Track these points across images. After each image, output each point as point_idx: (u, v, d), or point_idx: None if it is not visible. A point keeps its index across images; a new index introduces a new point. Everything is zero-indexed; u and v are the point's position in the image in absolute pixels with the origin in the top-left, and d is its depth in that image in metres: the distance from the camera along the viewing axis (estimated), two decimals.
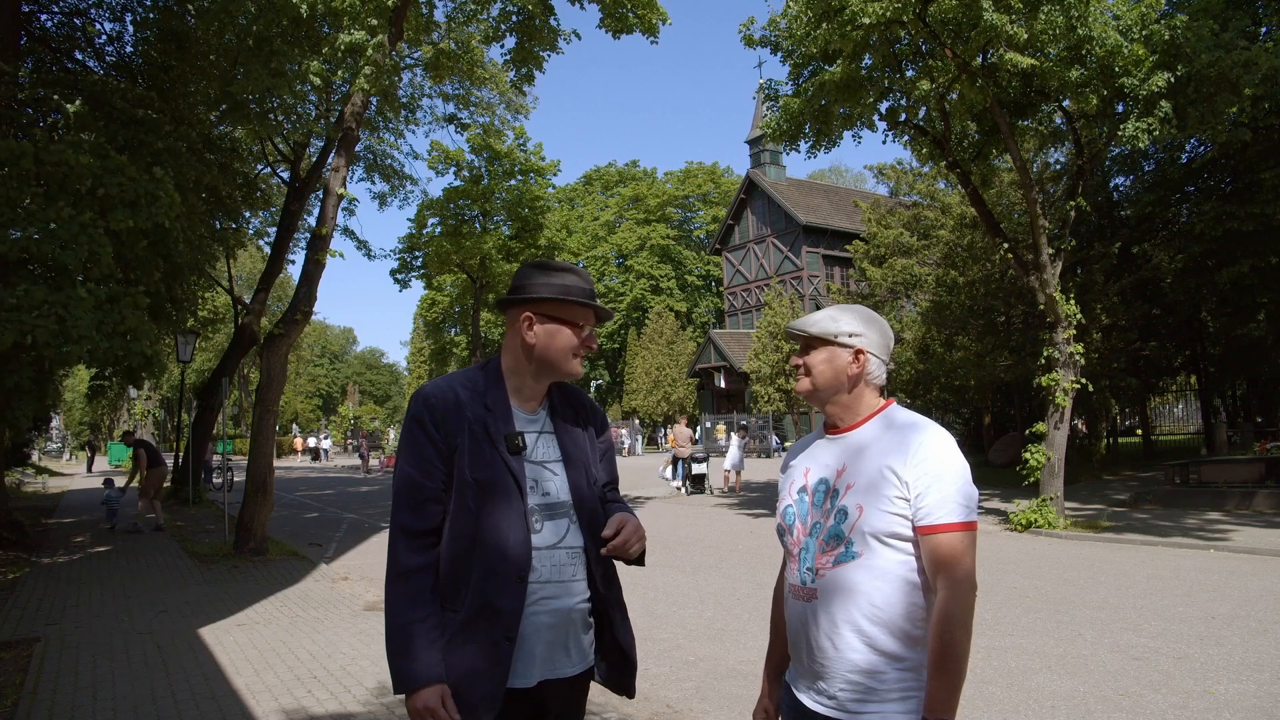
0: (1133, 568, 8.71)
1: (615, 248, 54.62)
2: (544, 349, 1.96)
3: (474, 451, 1.88)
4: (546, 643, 1.87)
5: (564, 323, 1.95)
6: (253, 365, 32.27)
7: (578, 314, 1.97)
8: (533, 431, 1.98)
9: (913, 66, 12.30)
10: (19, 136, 9.70)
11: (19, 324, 7.15)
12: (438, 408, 1.91)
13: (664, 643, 6.16)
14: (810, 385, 1.87)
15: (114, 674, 5.42)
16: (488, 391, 1.96)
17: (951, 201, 19.96)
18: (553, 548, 1.90)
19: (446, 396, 1.92)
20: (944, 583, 1.64)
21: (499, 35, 12.26)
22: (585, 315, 1.98)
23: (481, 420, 1.91)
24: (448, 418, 1.90)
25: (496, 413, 1.93)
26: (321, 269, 11.13)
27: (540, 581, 1.87)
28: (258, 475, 10.67)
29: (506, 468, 1.88)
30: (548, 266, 2.01)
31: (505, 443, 1.90)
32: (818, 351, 1.86)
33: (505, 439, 1.90)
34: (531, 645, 1.85)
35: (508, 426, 1.93)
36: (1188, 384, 25.07)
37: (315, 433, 53.18)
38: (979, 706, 4.59)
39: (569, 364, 1.97)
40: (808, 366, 1.87)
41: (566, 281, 1.97)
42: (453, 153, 29.58)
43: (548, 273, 1.99)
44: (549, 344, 1.95)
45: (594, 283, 2.04)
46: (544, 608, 1.87)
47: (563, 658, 1.90)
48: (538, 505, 1.91)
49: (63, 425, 60.27)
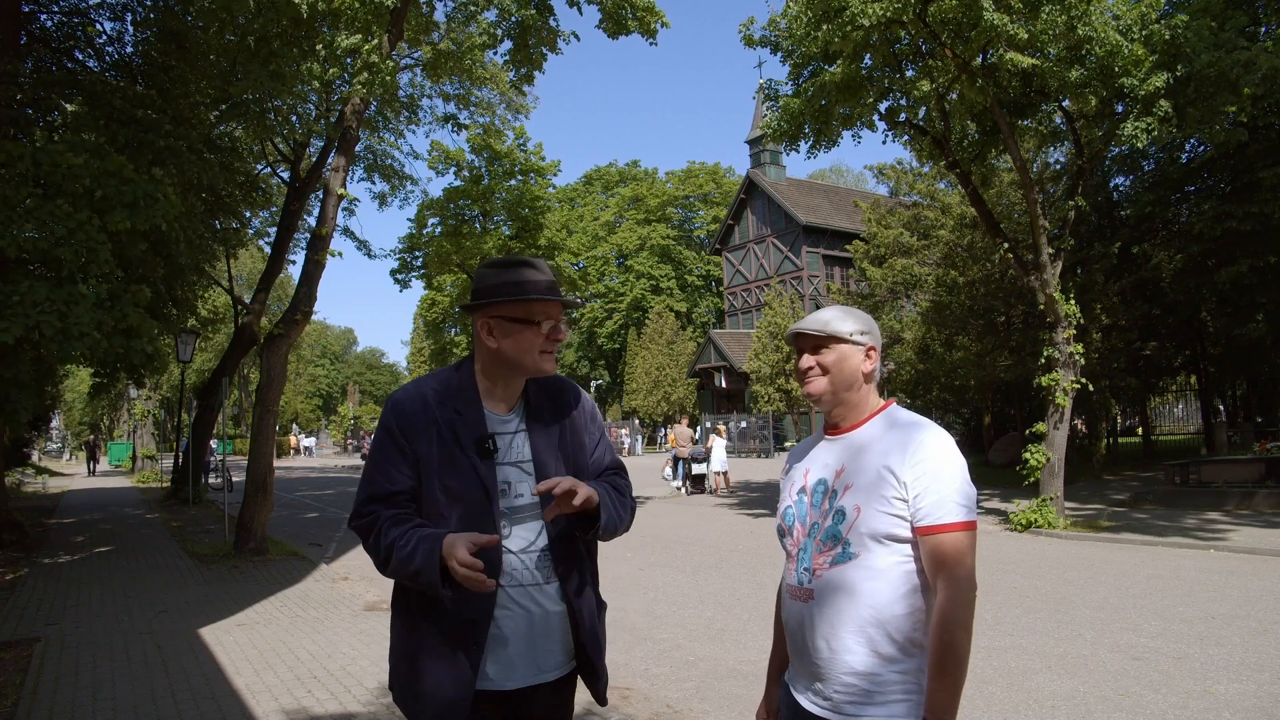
0: (1133, 568, 8.71)
1: (615, 248, 54.63)
2: (506, 352, 1.90)
3: (443, 457, 1.85)
4: (523, 647, 1.85)
5: (523, 322, 1.88)
6: (253, 365, 32.27)
7: (536, 310, 1.89)
8: (506, 432, 1.93)
9: (913, 66, 12.30)
10: (19, 136, 9.71)
11: (24, 319, 7.17)
12: (405, 414, 1.89)
13: (664, 643, 6.15)
14: (828, 385, 1.83)
15: (114, 674, 5.42)
16: (459, 394, 1.92)
17: (951, 201, 19.96)
18: (524, 551, 1.87)
19: (414, 402, 1.90)
20: (944, 583, 1.64)
21: (496, 41, 12.26)
22: (546, 310, 1.90)
23: (451, 424, 1.87)
24: (414, 424, 1.87)
25: (466, 416, 1.89)
26: (321, 269, 11.14)
27: (513, 585, 1.84)
28: (258, 475, 10.67)
29: (475, 473, 1.85)
30: (502, 264, 1.94)
31: (475, 447, 1.86)
32: (830, 351, 1.83)
33: (475, 443, 1.87)
34: (508, 649, 1.83)
35: (478, 430, 1.89)
36: (1188, 384, 25.07)
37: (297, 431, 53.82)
38: (979, 706, 4.59)
39: (535, 362, 1.91)
40: (823, 366, 1.83)
41: (521, 277, 1.89)
42: (453, 153, 29.55)
43: (501, 270, 1.92)
44: (511, 347, 1.89)
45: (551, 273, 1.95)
46: (518, 612, 1.84)
47: (542, 662, 1.87)
48: (509, 508, 1.87)
49: (63, 425, 60.29)
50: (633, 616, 6.95)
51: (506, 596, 1.84)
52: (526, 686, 1.86)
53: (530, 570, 1.86)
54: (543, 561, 1.88)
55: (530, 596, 1.86)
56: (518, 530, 1.87)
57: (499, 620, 1.83)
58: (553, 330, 1.91)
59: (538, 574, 1.87)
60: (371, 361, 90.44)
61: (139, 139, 9.95)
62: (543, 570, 1.87)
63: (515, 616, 1.84)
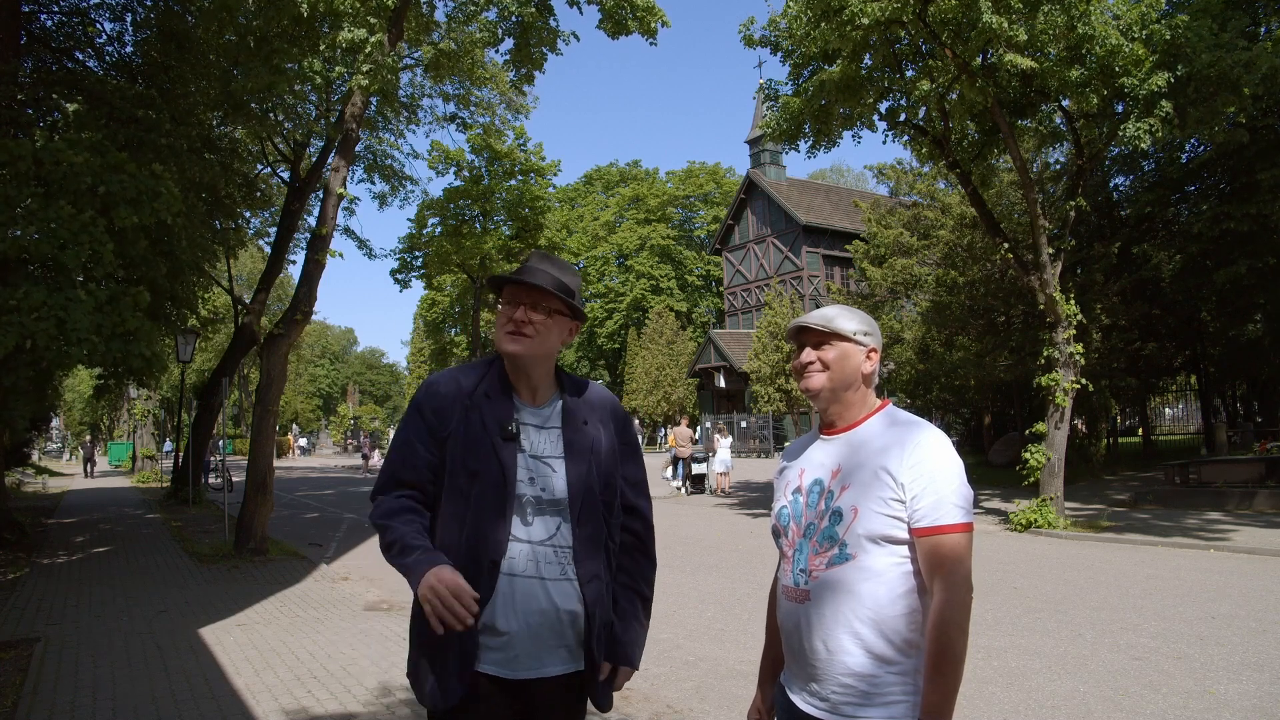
0: (1133, 568, 8.71)
1: (615, 248, 54.62)
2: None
3: (467, 437, 1.91)
4: (530, 639, 1.85)
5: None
6: (253, 365, 32.25)
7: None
8: (535, 425, 1.97)
9: (913, 66, 12.30)
10: (19, 136, 9.70)
11: (19, 327, 7.14)
12: (439, 394, 1.96)
13: (664, 643, 6.15)
14: (827, 381, 1.82)
15: (114, 674, 5.42)
16: (488, 380, 1.99)
17: (951, 201, 19.94)
18: (541, 543, 1.89)
19: (449, 384, 1.98)
20: (941, 585, 1.63)
21: (496, 40, 12.26)
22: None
23: (478, 407, 1.94)
24: (445, 404, 1.95)
25: (494, 399, 1.95)
26: (321, 269, 11.13)
27: (523, 576, 1.85)
28: (258, 475, 10.67)
29: (495, 454, 1.89)
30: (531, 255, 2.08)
31: (499, 430, 1.91)
32: (831, 348, 1.82)
33: (499, 426, 1.92)
34: (514, 639, 1.84)
35: (504, 414, 1.94)
36: (1188, 384, 25.07)
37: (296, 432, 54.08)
38: (979, 706, 4.59)
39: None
40: (824, 362, 1.82)
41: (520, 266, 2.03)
42: (453, 153, 29.55)
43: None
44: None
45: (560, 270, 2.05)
46: (527, 604, 1.84)
47: (548, 656, 1.87)
48: (532, 499, 1.90)
49: (63, 425, 60.29)
50: None
51: (517, 585, 1.85)
52: (531, 679, 1.87)
53: (547, 564, 1.88)
54: (561, 556, 1.90)
55: (545, 590, 1.86)
56: (539, 521, 1.90)
57: (504, 609, 1.84)
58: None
59: (554, 569, 1.88)
60: (371, 361, 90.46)
61: (139, 138, 9.96)
62: (560, 566, 1.89)
63: (523, 608, 1.85)
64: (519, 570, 1.85)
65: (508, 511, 1.87)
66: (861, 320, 1.84)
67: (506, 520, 1.86)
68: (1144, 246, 18.30)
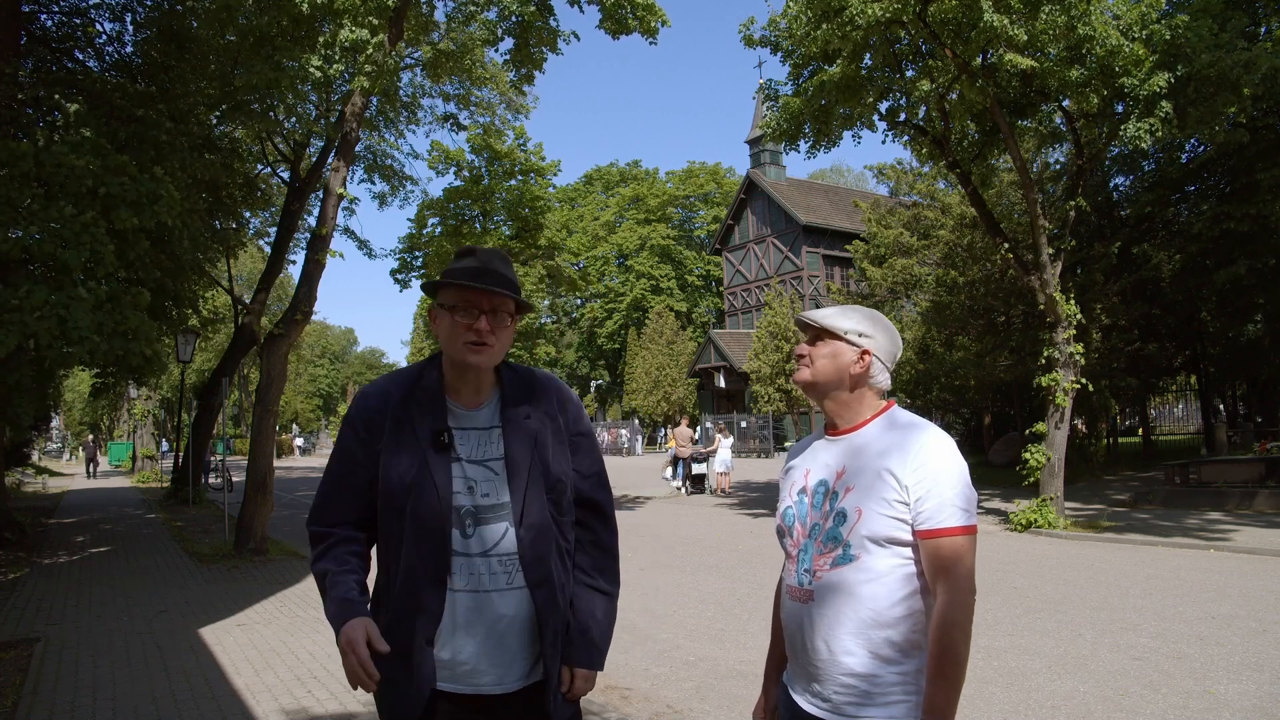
0: (1133, 568, 8.71)
1: (615, 248, 54.62)
2: (440, 339, 1.85)
3: (397, 449, 1.82)
4: (484, 655, 1.78)
5: (449, 309, 1.83)
6: (253, 365, 32.23)
7: (459, 298, 1.82)
8: (472, 428, 1.87)
9: (913, 66, 12.30)
10: (19, 136, 9.70)
11: (21, 326, 7.16)
12: (368, 408, 1.88)
13: (664, 643, 6.15)
14: (810, 376, 1.84)
15: (114, 674, 5.42)
16: (423, 387, 1.88)
17: (951, 201, 19.94)
18: (484, 555, 1.79)
19: (379, 397, 1.88)
20: (944, 587, 1.63)
21: (496, 40, 12.26)
22: (477, 299, 1.81)
23: (410, 418, 1.84)
24: (375, 418, 1.86)
25: (426, 409, 1.85)
26: (321, 269, 11.14)
27: (467, 591, 1.78)
28: (258, 475, 10.67)
29: (428, 467, 1.79)
30: (461, 252, 1.89)
31: (431, 440, 1.82)
32: (824, 344, 1.84)
33: (431, 436, 1.82)
34: (470, 656, 1.78)
35: (436, 422, 1.83)
36: (1188, 384, 25.07)
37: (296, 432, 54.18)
38: (979, 706, 4.59)
39: (459, 354, 1.82)
40: (811, 357, 1.84)
41: (459, 265, 1.85)
42: (453, 153, 29.51)
43: (454, 259, 1.88)
44: (441, 334, 1.85)
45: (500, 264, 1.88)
46: (476, 619, 1.77)
47: (506, 671, 1.80)
48: (471, 509, 1.81)
49: (63, 425, 60.27)
50: (633, 616, 6.95)
51: (463, 600, 1.78)
52: (491, 695, 1.80)
53: (493, 575, 1.79)
54: (508, 565, 1.80)
55: (491, 601, 1.78)
56: (481, 531, 1.80)
57: (455, 628, 1.78)
58: (481, 323, 1.80)
59: (500, 579, 1.79)
60: (371, 361, 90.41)
61: (140, 136, 9.96)
62: (507, 575, 1.80)
63: (472, 621, 1.78)
64: (462, 586, 1.78)
65: (446, 526, 1.77)
66: (862, 321, 1.83)
67: (446, 535, 1.77)
68: (1144, 246, 18.29)
